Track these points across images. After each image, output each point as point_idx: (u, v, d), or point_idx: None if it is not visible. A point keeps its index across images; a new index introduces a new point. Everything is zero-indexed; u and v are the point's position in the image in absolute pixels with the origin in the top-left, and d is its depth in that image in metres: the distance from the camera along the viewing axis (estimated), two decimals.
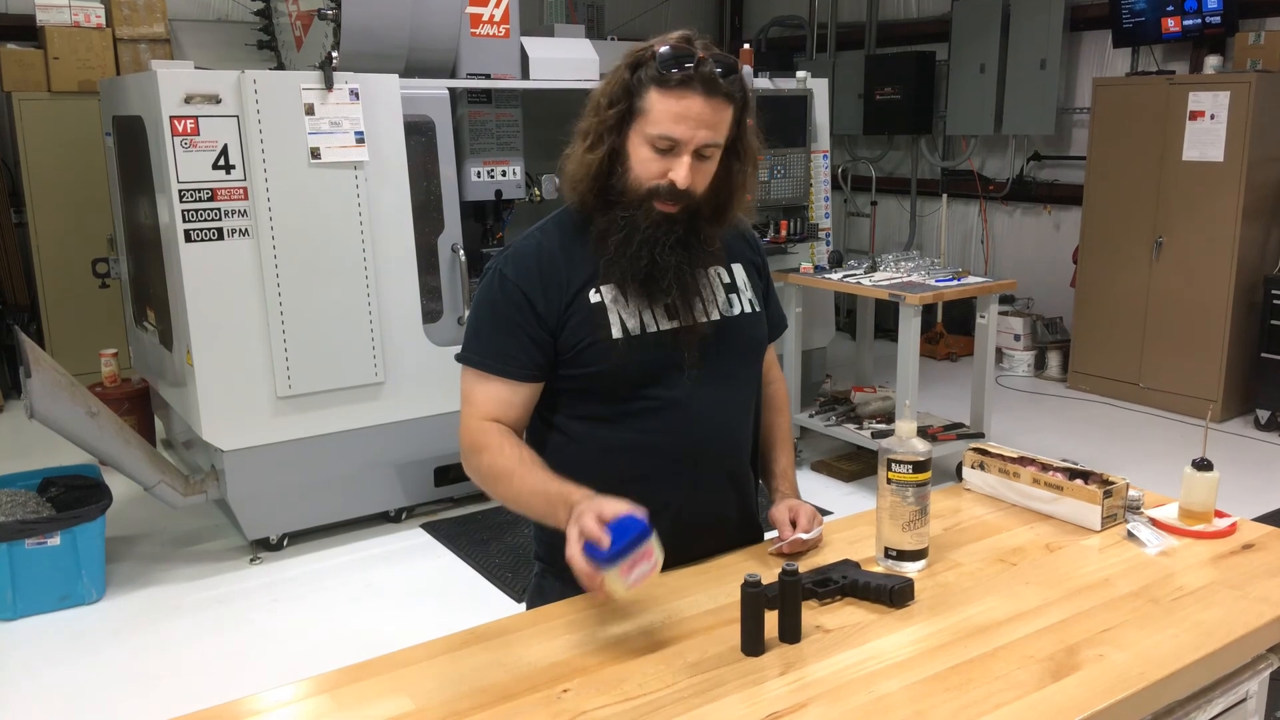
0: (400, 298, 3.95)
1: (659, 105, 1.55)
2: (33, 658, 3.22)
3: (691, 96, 1.54)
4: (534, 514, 1.62)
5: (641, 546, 1.38)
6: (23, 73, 5.69)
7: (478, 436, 1.66)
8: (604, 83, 1.63)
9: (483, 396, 1.67)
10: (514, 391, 1.66)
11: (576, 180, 1.64)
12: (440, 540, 4.05)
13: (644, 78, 1.56)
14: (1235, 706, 1.52)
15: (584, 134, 1.63)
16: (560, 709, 1.29)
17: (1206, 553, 1.71)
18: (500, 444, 1.64)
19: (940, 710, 1.27)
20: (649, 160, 1.58)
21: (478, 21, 4.24)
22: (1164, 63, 6.00)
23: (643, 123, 1.57)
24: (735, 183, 1.67)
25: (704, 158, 1.59)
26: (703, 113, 1.55)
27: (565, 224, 1.70)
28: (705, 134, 1.56)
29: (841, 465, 4.78)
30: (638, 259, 1.60)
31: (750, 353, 1.78)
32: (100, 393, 4.51)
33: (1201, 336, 5.51)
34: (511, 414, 1.68)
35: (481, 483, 1.68)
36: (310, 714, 1.31)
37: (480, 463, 1.66)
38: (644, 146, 1.58)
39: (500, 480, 1.63)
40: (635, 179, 1.60)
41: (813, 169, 5.04)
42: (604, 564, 1.37)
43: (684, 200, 1.60)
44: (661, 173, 1.58)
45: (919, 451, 1.61)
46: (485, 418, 1.67)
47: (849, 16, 7.86)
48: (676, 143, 1.56)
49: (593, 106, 1.63)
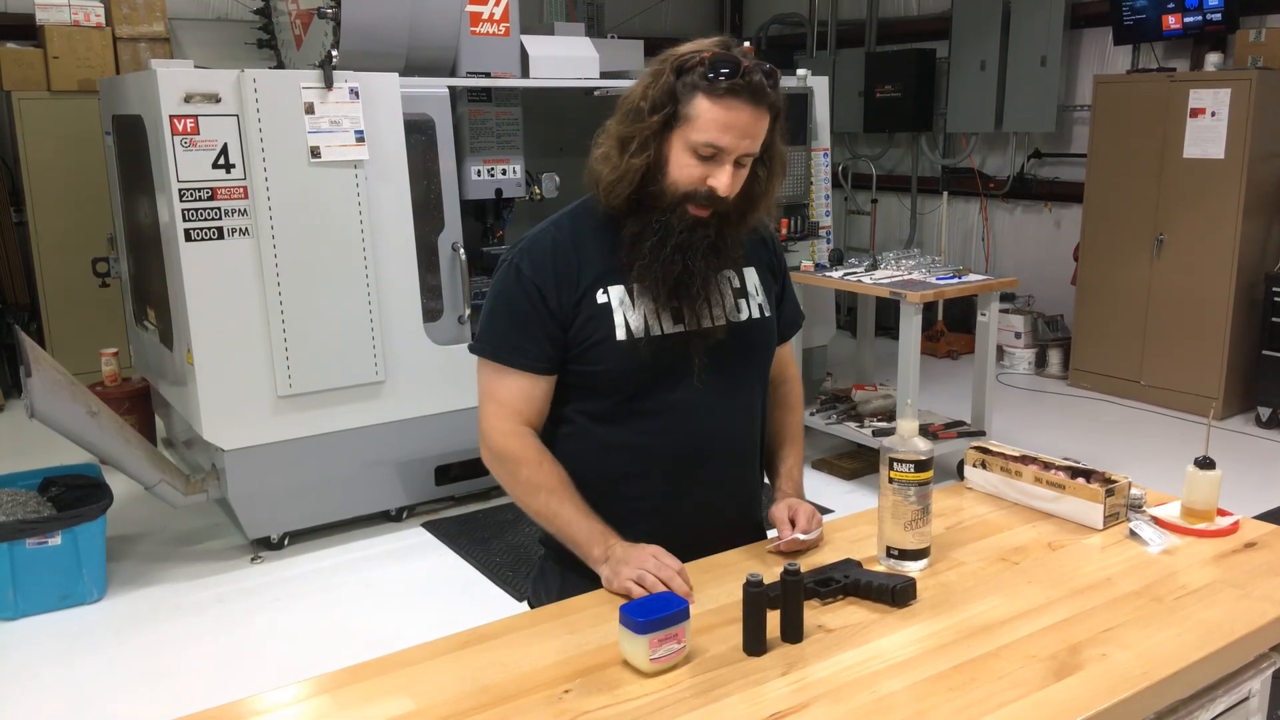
0: (400, 296, 3.95)
1: (707, 113, 1.54)
2: (34, 657, 3.22)
3: (740, 106, 1.53)
4: (563, 537, 1.66)
5: (676, 626, 1.36)
6: (22, 72, 5.69)
7: (513, 444, 1.67)
8: (642, 86, 1.60)
9: (506, 392, 1.68)
10: (535, 385, 1.67)
11: (613, 184, 1.62)
12: (441, 539, 4.05)
13: (691, 83, 1.55)
14: (1238, 705, 1.52)
15: (623, 140, 1.60)
16: (562, 709, 1.29)
17: (1209, 551, 1.71)
18: (540, 459, 1.67)
19: (943, 709, 1.26)
20: (690, 166, 1.58)
21: (477, 20, 4.23)
22: (1165, 60, 5.99)
23: (687, 129, 1.56)
24: (763, 187, 1.67)
25: (741, 165, 1.59)
26: (750, 122, 1.55)
27: (581, 219, 1.70)
28: (748, 144, 1.57)
29: (842, 463, 4.78)
30: (672, 263, 1.60)
31: (756, 358, 1.77)
32: (101, 392, 4.51)
33: (1203, 334, 5.51)
34: (534, 408, 1.69)
35: (512, 488, 1.70)
36: (311, 714, 1.31)
37: (519, 473, 1.68)
38: (686, 152, 1.57)
39: (537, 495, 1.66)
40: (672, 183, 1.59)
41: (813, 167, 5.03)
42: (636, 629, 1.35)
43: (718, 205, 1.60)
44: (701, 178, 1.58)
45: (920, 450, 1.61)
46: (511, 414, 1.68)
47: (849, 14, 7.85)
48: (721, 150, 1.56)
49: (633, 111, 1.60)
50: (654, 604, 1.38)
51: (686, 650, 1.38)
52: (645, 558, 1.56)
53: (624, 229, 1.63)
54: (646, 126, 1.57)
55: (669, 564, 1.56)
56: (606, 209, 1.65)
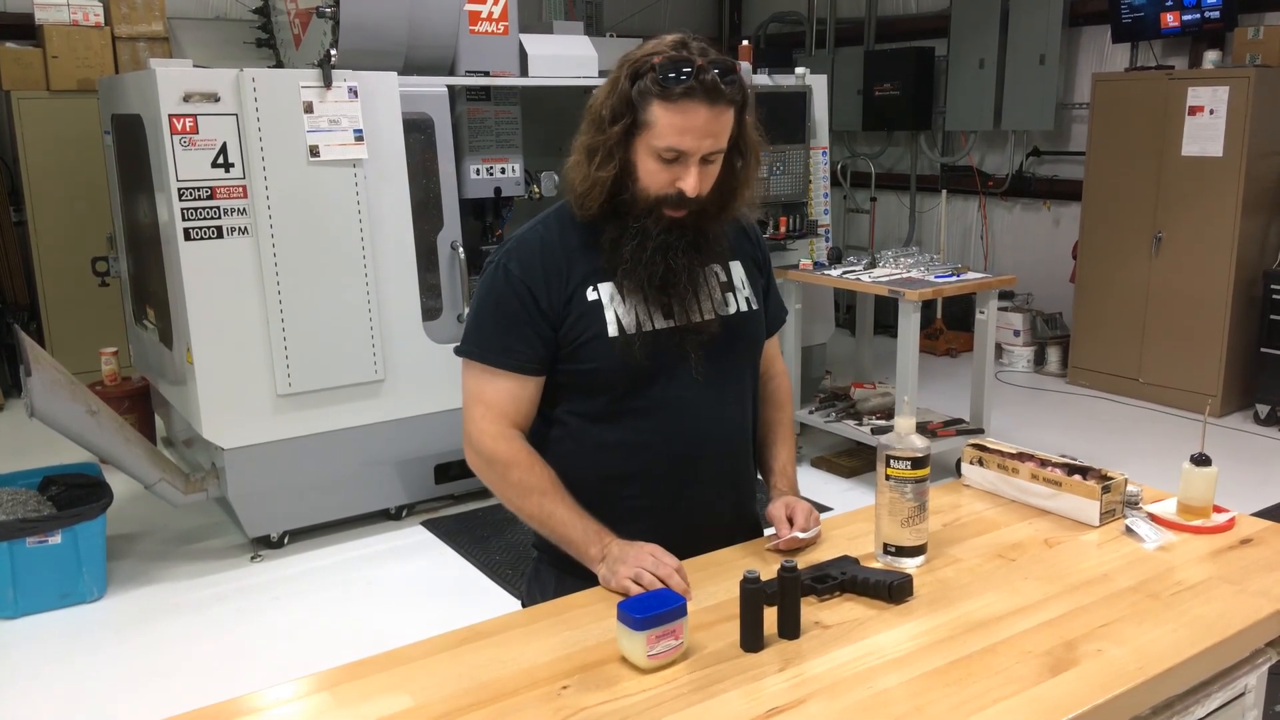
0: (400, 295, 3.95)
1: (664, 119, 1.54)
2: (34, 656, 3.23)
3: (696, 107, 1.53)
4: (557, 539, 1.65)
5: (674, 623, 1.37)
6: (22, 71, 5.69)
7: (501, 447, 1.66)
8: (603, 94, 1.61)
9: (493, 394, 1.67)
10: (523, 386, 1.67)
11: (585, 195, 1.63)
12: (440, 537, 4.05)
13: (644, 90, 1.54)
14: (1234, 701, 1.53)
15: (590, 151, 1.61)
16: (560, 705, 1.29)
17: (1205, 548, 1.71)
18: (530, 462, 1.66)
19: (939, 705, 1.27)
20: (657, 171, 1.58)
21: (476, 18, 4.23)
22: (1163, 58, 6.00)
23: (648, 136, 1.56)
24: (739, 179, 1.67)
25: (709, 162, 1.60)
26: (707, 122, 1.54)
27: (565, 218, 1.70)
28: (710, 143, 1.57)
29: (841, 461, 4.78)
30: (654, 265, 1.61)
31: (746, 351, 1.78)
32: (100, 391, 4.51)
33: (1201, 331, 5.51)
34: (521, 410, 1.68)
35: (502, 491, 1.69)
36: (310, 711, 1.32)
37: (509, 475, 1.66)
38: (651, 159, 1.58)
39: (529, 498, 1.65)
40: (643, 189, 1.60)
41: (812, 165, 5.03)
42: (634, 625, 1.35)
43: (692, 205, 1.61)
44: (669, 182, 1.58)
45: (918, 447, 1.61)
46: (499, 417, 1.67)
47: (848, 12, 7.85)
48: (683, 153, 1.56)
49: (595, 121, 1.61)
50: (652, 601, 1.39)
51: (684, 646, 1.39)
52: (643, 556, 1.56)
53: (603, 235, 1.64)
54: (609, 137, 1.58)
55: (666, 562, 1.56)
56: (586, 219, 1.66)
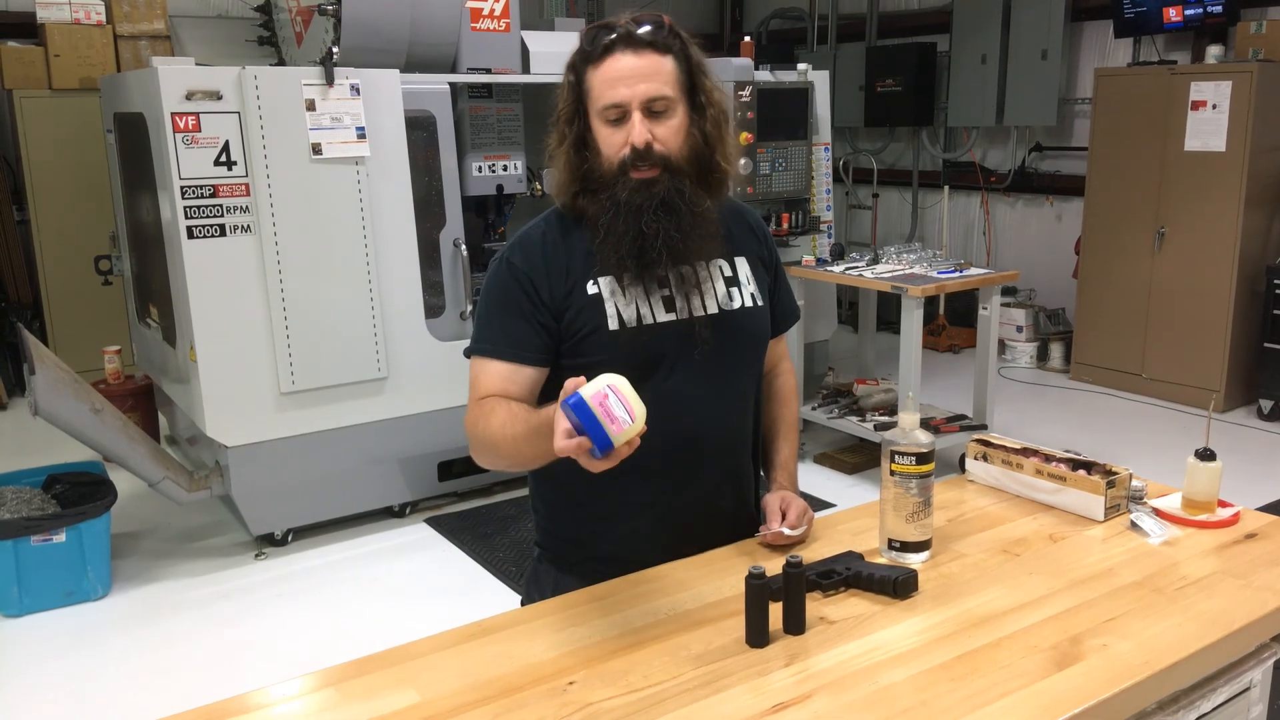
0: (402, 293, 3.95)
1: (595, 79, 1.60)
2: (38, 654, 3.23)
3: (619, 58, 1.58)
4: (535, 459, 1.54)
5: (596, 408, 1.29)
6: (23, 70, 5.69)
7: (473, 413, 1.64)
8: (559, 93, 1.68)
9: (485, 380, 1.66)
10: (516, 372, 1.65)
11: (561, 184, 1.69)
12: (444, 535, 4.05)
13: (577, 64, 1.62)
14: (1239, 696, 1.53)
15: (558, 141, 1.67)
16: (566, 701, 1.29)
17: (1210, 542, 1.71)
18: (492, 407, 1.59)
19: (944, 700, 1.27)
20: (609, 136, 1.62)
21: (478, 16, 4.23)
22: (1165, 53, 5.98)
23: (592, 105, 1.62)
24: (711, 138, 1.66)
25: (657, 113, 1.60)
26: (635, 67, 1.58)
27: (568, 216, 1.72)
28: (645, 87, 1.58)
29: (844, 457, 4.78)
30: (626, 231, 1.60)
31: (749, 347, 1.78)
32: (104, 389, 4.52)
33: (1204, 326, 5.50)
34: (512, 393, 1.64)
35: (482, 454, 1.63)
36: (316, 708, 1.32)
37: (476, 433, 1.61)
38: (602, 126, 1.62)
39: (497, 444, 1.57)
40: (606, 160, 1.63)
41: (814, 162, 5.03)
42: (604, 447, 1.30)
43: (658, 162, 1.60)
44: (624, 142, 1.61)
45: (922, 443, 1.61)
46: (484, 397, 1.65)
47: (849, 8, 7.84)
48: (622, 106, 1.59)
49: (555, 119, 1.68)
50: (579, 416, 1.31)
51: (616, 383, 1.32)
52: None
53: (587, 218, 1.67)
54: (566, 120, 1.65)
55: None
56: (566, 211, 1.70)
